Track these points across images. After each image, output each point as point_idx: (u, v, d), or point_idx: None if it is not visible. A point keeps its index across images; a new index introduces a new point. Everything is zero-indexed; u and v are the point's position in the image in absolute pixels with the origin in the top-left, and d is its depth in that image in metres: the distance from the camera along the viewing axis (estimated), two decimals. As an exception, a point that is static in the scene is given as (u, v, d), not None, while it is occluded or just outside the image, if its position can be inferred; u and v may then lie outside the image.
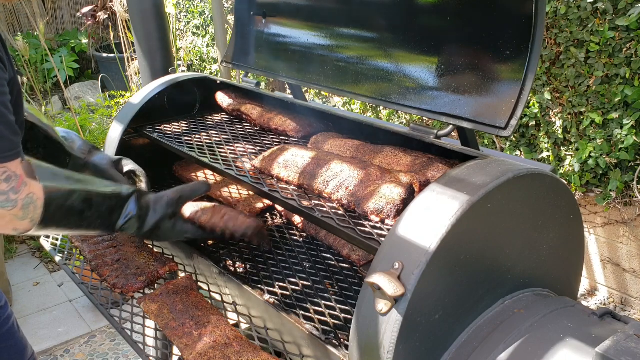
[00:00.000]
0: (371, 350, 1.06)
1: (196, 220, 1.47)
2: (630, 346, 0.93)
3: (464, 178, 1.11)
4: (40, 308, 3.39)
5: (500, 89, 1.31)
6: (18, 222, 1.19)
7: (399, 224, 1.08)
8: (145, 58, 2.54)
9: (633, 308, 2.96)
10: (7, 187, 1.14)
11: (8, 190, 1.14)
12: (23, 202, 1.17)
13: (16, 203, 1.16)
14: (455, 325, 1.12)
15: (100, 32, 6.87)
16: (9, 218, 1.16)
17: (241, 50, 2.19)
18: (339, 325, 1.34)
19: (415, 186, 1.30)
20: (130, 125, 2.03)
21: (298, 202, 1.38)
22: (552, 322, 1.08)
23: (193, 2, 5.46)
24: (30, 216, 1.20)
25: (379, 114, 3.82)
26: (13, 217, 1.16)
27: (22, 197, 1.17)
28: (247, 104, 2.09)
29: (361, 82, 1.68)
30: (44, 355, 3.03)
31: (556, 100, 2.89)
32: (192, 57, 5.58)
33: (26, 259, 3.88)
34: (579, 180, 2.85)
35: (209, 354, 1.31)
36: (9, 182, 1.14)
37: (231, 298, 1.59)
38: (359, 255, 1.59)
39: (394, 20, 1.59)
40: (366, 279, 1.05)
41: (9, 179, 1.14)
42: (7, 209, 1.15)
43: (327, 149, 1.64)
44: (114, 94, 5.07)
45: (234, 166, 1.65)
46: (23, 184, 1.17)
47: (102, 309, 1.58)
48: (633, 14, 2.42)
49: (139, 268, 1.67)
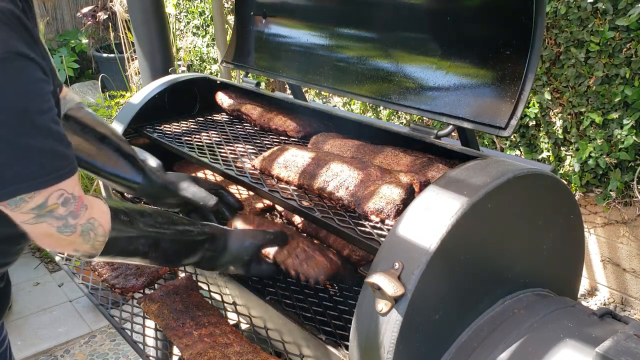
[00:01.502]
0: (371, 350, 1.06)
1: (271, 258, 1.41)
2: (630, 346, 0.93)
3: (464, 178, 1.11)
4: (40, 308, 3.39)
5: (500, 89, 1.31)
6: (80, 245, 1.11)
7: (399, 224, 1.08)
8: (145, 58, 2.54)
9: (633, 308, 2.96)
10: (65, 212, 1.04)
11: (66, 214, 1.05)
12: (82, 228, 1.08)
13: (75, 229, 1.07)
14: (455, 325, 1.12)
15: (100, 32, 6.86)
16: (68, 241, 1.09)
17: (241, 50, 2.19)
18: (339, 325, 1.34)
19: (415, 186, 1.30)
20: (130, 125, 2.03)
21: (298, 202, 1.38)
22: (552, 322, 1.08)
23: (193, 2, 5.46)
24: (91, 243, 1.11)
25: (379, 114, 3.82)
26: (72, 242, 1.09)
27: (82, 222, 1.08)
28: (247, 104, 2.09)
29: (361, 82, 1.68)
30: (44, 356, 3.03)
31: (556, 100, 2.89)
32: (192, 57, 5.58)
33: (26, 259, 3.88)
34: (579, 180, 2.85)
35: (209, 354, 1.31)
36: (66, 205, 1.04)
37: (231, 298, 1.59)
38: (359, 256, 1.59)
39: (394, 20, 1.59)
40: (366, 279, 1.05)
41: (67, 202, 1.04)
42: (66, 235, 1.06)
43: (327, 149, 1.64)
44: (114, 94, 5.07)
45: (234, 166, 1.65)
46: (83, 207, 1.08)
47: (102, 309, 1.58)
48: (633, 14, 2.42)
49: (139, 268, 1.67)
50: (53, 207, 1.02)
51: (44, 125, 1.00)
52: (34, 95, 0.98)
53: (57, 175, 1.02)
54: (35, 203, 1.00)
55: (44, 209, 1.02)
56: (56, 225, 1.04)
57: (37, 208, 1.01)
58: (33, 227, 1.04)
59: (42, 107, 1.00)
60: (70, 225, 1.06)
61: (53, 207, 1.02)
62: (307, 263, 1.39)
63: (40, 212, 1.01)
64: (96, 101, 5.80)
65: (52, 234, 1.05)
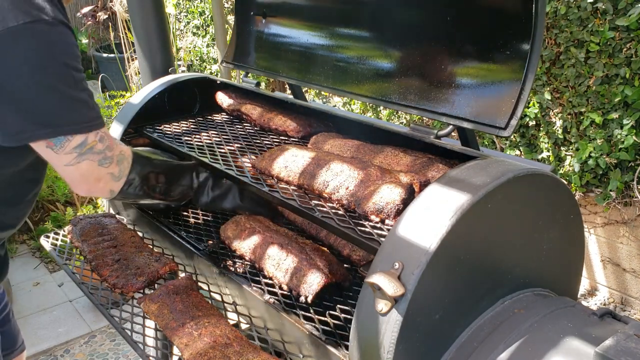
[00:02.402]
0: (371, 350, 1.06)
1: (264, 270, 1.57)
2: (630, 346, 0.93)
3: (464, 178, 1.11)
4: (40, 308, 3.39)
5: (500, 89, 1.31)
6: (114, 182, 1.36)
7: (399, 224, 1.08)
8: (145, 58, 2.54)
9: (633, 308, 2.96)
10: (103, 147, 1.29)
11: (104, 149, 1.29)
12: (117, 158, 1.34)
13: (112, 160, 1.32)
14: (455, 325, 1.12)
15: (100, 32, 6.86)
16: (107, 178, 1.33)
17: (241, 50, 2.19)
18: (339, 325, 1.34)
19: (415, 186, 1.30)
20: (130, 125, 2.03)
21: (298, 202, 1.38)
22: (552, 322, 1.08)
23: (193, 2, 5.45)
24: (125, 172, 1.38)
25: (379, 114, 3.82)
26: (110, 176, 1.33)
27: (116, 153, 1.33)
28: (247, 104, 2.09)
29: (361, 82, 1.68)
30: (44, 355, 3.03)
31: (556, 100, 2.89)
32: (192, 57, 5.57)
33: (26, 259, 3.88)
34: (579, 180, 2.85)
35: (209, 354, 1.31)
36: (103, 141, 1.28)
37: (231, 298, 1.59)
38: (359, 256, 1.59)
39: (394, 20, 1.59)
40: (366, 279, 1.05)
41: (102, 139, 1.28)
42: (105, 167, 1.30)
43: (327, 149, 1.64)
44: (114, 94, 5.07)
45: (234, 166, 1.65)
46: (115, 143, 1.34)
47: (102, 309, 1.58)
48: (633, 14, 2.42)
49: (139, 268, 1.67)
50: (93, 143, 1.26)
51: (81, 82, 1.23)
52: (74, 56, 1.21)
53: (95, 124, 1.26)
54: (77, 142, 1.23)
55: (85, 147, 1.25)
56: (97, 159, 1.29)
57: (79, 147, 1.24)
58: (75, 168, 1.26)
59: (78, 67, 1.22)
60: (109, 157, 1.31)
61: (93, 144, 1.26)
62: (296, 277, 1.42)
63: (82, 151, 1.25)
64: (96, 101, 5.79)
65: (93, 170, 1.29)
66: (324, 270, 1.40)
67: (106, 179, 1.32)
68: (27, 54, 1.14)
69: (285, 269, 1.45)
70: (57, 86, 1.18)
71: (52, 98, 1.18)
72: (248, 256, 1.59)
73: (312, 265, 1.41)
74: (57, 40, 1.18)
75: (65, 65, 1.19)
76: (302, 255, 1.46)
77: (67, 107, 1.21)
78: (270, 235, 1.58)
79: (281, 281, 1.45)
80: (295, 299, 1.42)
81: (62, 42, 1.19)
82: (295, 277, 1.42)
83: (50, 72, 1.17)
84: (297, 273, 1.42)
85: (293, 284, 1.42)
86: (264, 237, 1.58)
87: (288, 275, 1.44)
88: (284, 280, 1.44)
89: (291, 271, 1.43)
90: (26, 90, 1.15)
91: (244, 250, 1.61)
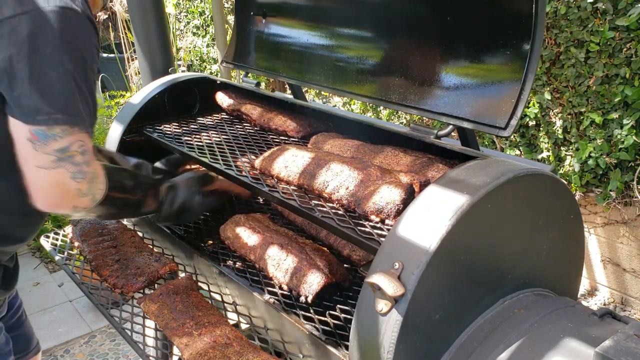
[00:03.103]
0: (371, 350, 1.06)
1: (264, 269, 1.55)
2: (630, 346, 0.93)
3: (464, 178, 1.11)
4: (40, 308, 3.39)
5: (500, 89, 1.31)
6: (80, 198, 1.25)
7: (399, 224, 1.08)
8: (145, 58, 2.54)
9: (633, 308, 2.96)
10: (82, 160, 1.21)
11: (82, 162, 1.21)
12: (91, 176, 1.25)
13: (86, 175, 1.23)
14: (455, 325, 1.12)
15: (100, 32, 6.86)
16: (74, 194, 1.23)
17: (241, 50, 2.19)
18: (339, 325, 1.34)
19: (415, 186, 1.30)
20: (130, 125, 2.03)
21: (298, 202, 1.39)
22: (552, 322, 1.08)
23: (193, 2, 5.46)
24: (93, 191, 1.28)
25: (379, 114, 3.82)
26: (78, 192, 1.23)
27: (91, 170, 1.25)
28: (247, 104, 2.09)
29: (361, 82, 1.68)
30: (44, 356, 3.03)
31: (556, 100, 2.89)
32: (192, 57, 5.58)
33: (26, 259, 3.88)
34: (579, 180, 2.85)
35: (209, 354, 1.31)
36: (84, 155, 1.21)
37: (231, 298, 1.59)
38: (359, 256, 1.59)
39: (394, 20, 1.59)
40: (366, 279, 1.05)
41: (84, 152, 1.21)
42: (77, 181, 1.22)
43: (327, 149, 1.64)
44: (114, 94, 5.07)
45: (234, 166, 1.65)
46: (93, 160, 1.26)
47: (102, 309, 1.58)
48: (633, 14, 2.42)
49: (139, 268, 1.67)
50: (73, 153, 1.19)
51: (91, 82, 1.21)
52: (92, 56, 1.21)
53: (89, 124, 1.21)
54: (61, 145, 1.16)
55: (66, 153, 1.18)
56: (72, 170, 1.20)
57: (61, 151, 1.17)
58: (47, 173, 1.18)
59: (93, 68, 1.22)
60: (84, 172, 1.23)
61: (73, 154, 1.19)
62: (296, 277, 1.41)
63: (61, 156, 1.17)
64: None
65: (63, 182, 1.20)
66: (324, 270, 1.40)
67: (73, 194, 1.23)
68: (53, 34, 1.13)
69: (285, 269, 1.45)
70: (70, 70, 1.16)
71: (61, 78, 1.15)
72: (248, 256, 1.59)
73: (312, 265, 1.41)
74: (80, 32, 1.18)
75: (82, 58, 1.18)
76: (302, 255, 1.46)
77: (71, 93, 1.17)
78: (270, 235, 1.58)
79: (281, 281, 1.45)
80: (295, 299, 1.42)
81: (85, 36, 1.19)
82: (295, 277, 1.42)
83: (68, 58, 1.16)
84: (297, 273, 1.42)
85: (293, 284, 1.42)
86: (264, 237, 1.58)
87: (288, 275, 1.44)
88: (284, 280, 1.44)
89: (291, 271, 1.43)
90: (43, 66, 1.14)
91: (244, 251, 1.61)
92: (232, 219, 1.74)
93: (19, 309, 1.74)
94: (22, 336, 1.74)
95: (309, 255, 1.46)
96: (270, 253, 1.52)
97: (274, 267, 1.48)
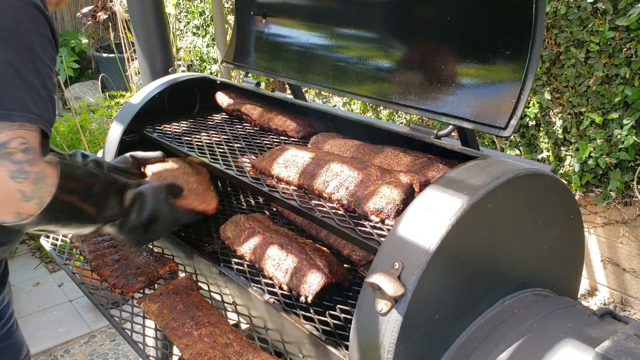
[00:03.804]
0: (371, 350, 1.06)
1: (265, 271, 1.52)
2: (630, 346, 0.93)
3: (464, 178, 1.11)
4: (40, 308, 3.39)
5: (500, 89, 1.31)
6: (24, 203, 1.10)
7: (399, 224, 1.08)
8: (145, 58, 2.54)
9: (633, 308, 2.96)
10: (23, 158, 1.08)
11: (24, 161, 1.08)
12: (35, 176, 1.10)
13: (29, 175, 1.09)
14: (455, 325, 1.12)
15: (100, 32, 6.87)
16: (15, 197, 1.08)
17: (241, 50, 2.19)
18: (339, 325, 1.34)
19: (415, 186, 1.30)
20: (130, 125, 2.03)
21: (298, 202, 1.38)
22: (552, 322, 1.08)
23: (193, 2, 5.46)
24: (38, 195, 1.11)
25: (379, 114, 3.82)
26: (20, 195, 1.09)
27: (36, 170, 1.10)
28: (247, 104, 2.09)
29: (361, 82, 1.68)
30: (44, 356, 3.03)
31: (556, 100, 2.89)
32: (192, 57, 5.58)
33: (26, 259, 3.88)
34: (579, 180, 2.85)
35: (209, 354, 1.31)
36: (26, 153, 1.09)
37: (231, 298, 1.59)
38: (359, 256, 1.59)
39: (394, 20, 1.59)
40: (366, 279, 1.05)
41: (27, 151, 1.09)
42: (17, 181, 1.08)
43: (327, 149, 1.64)
44: (114, 94, 5.07)
45: (234, 166, 1.65)
46: (40, 160, 1.11)
47: (102, 309, 1.58)
48: (633, 14, 2.42)
49: (139, 268, 1.67)
50: (12, 150, 1.07)
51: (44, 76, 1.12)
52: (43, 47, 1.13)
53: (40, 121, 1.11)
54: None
55: (3, 150, 1.06)
56: (11, 169, 1.07)
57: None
58: None
59: (43, 59, 1.13)
60: (26, 172, 1.08)
61: (12, 151, 1.07)
62: (296, 277, 1.41)
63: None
64: (96, 101, 5.80)
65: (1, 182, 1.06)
66: (324, 270, 1.40)
67: (15, 197, 1.08)
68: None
69: (285, 269, 1.45)
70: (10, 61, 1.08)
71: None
72: (248, 256, 1.59)
73: (312, 265, 1.41)
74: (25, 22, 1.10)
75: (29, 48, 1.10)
76: (302, 255, 1.46)
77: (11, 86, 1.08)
78: (270, 235, 1.58)
79: (281, 281, 1.45)
80: (295, 299, 1.42)
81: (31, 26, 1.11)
82: (295, 277, 1.42)
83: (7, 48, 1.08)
84: (297, 273, 1.42)
85: (293, 284, 1.42)
86: (264, 237, 1.59)
87: (288, 275, 1.44)
88: (284, 280, 1.44)
89: (291, 271, 1.43)
90: None
91: (244, 251, 1.61)
92: (232, 219, 1.74)
93: (10, 319, 1.63)
94: (13, 346, 1.63)
95: (309, 255, 1.46)
96: (270, 253, 1.52)
97: (274, 267, 1.48)
